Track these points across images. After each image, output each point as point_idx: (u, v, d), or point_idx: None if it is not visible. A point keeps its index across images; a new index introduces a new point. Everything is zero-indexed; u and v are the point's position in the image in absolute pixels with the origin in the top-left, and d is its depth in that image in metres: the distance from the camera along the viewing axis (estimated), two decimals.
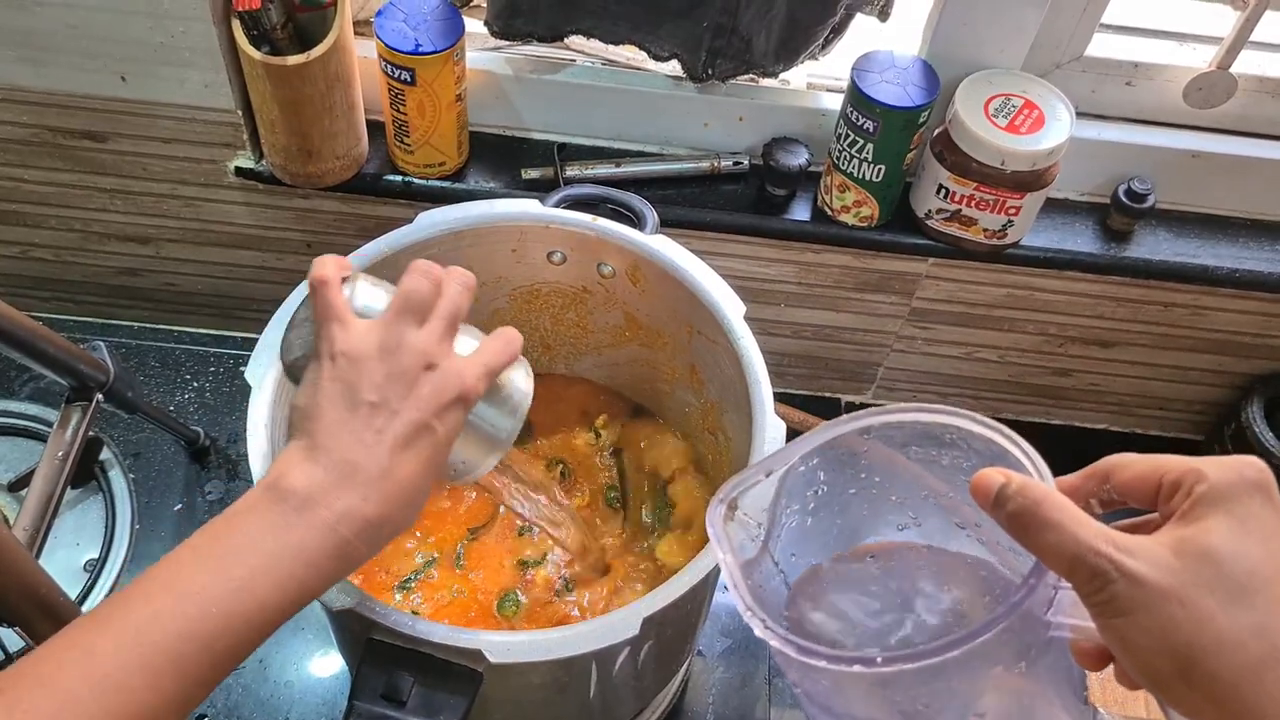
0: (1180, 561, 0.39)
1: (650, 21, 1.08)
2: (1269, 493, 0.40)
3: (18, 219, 1.29)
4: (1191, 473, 0.41)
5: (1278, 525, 0.40)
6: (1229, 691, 0.37)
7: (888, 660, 0.43)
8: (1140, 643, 0.39)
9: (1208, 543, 0.39)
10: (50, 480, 0.98)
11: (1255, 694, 0.37)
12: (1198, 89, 1.13)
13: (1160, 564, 0.39)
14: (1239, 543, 0.39)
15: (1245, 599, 0.38)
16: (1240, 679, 0.37)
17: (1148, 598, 0.38)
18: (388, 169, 1.16)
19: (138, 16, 1.05)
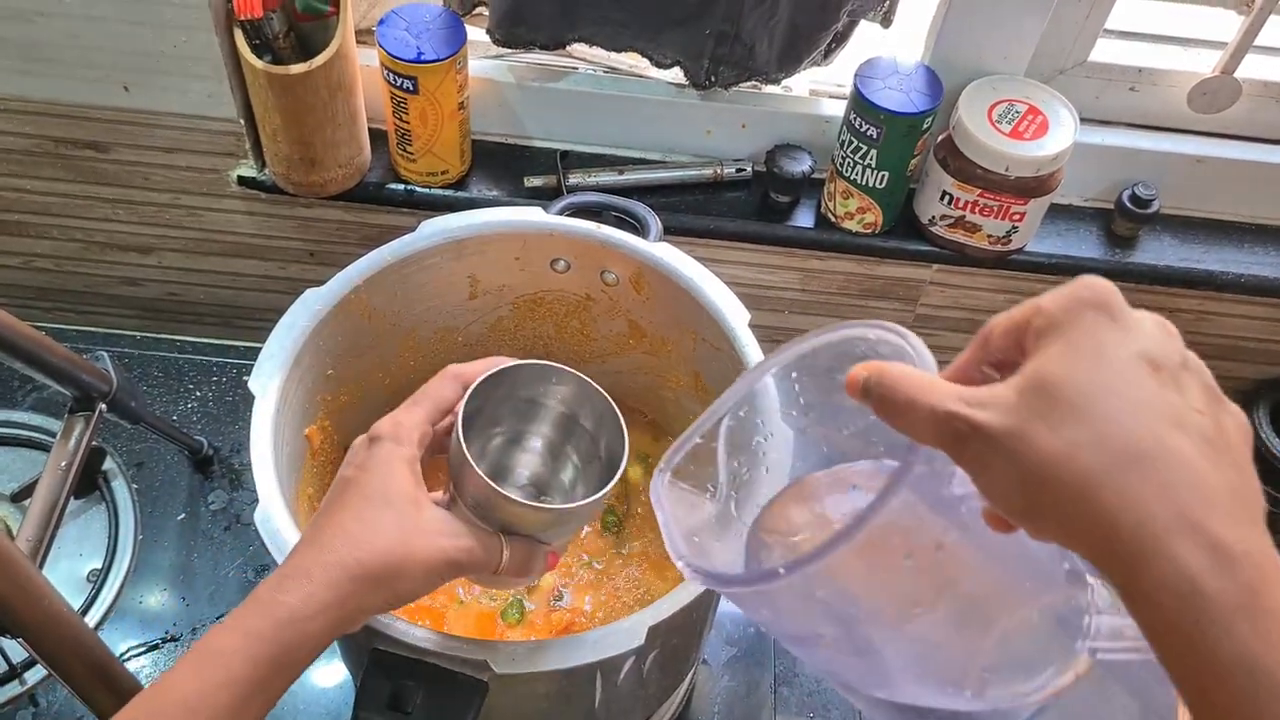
0: (1020, 398, 0.39)
1: (652, 29, 1.08)
2: (1104, 308, 0.40)
3: (20, 229, 1.29)
4: (1032, 309, 0.41)
5: (1110, 334, 0.39)
6: (1070, 507, 0.37)
7: (789, 568, 0.43)
8: (999, 485, 0.39)
9: (1041, 372, 0.39)
10: (53, 490, 0.98)
11: (1092, 504, 0.37)
12: (1202, 94, 1.13)
13: (1004, 407, 0.39)
14: (1069, 363, 0.39)
15: (1075, 416, 0.37)
16: (1077, 493, 0.37)
17: (998, 442, 0.38)
18: (390, 177, 1.16)
19: (140, 26, 1.05)
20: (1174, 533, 0.36)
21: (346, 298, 0.87)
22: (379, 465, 0.62)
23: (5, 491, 1.17)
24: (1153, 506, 0.36)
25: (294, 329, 0.83)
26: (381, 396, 0.98)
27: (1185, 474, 0.37)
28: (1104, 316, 0.40)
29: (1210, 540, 0.36)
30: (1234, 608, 0.35)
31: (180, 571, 1.16)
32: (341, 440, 0.95)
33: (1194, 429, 0.38)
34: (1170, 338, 0.41)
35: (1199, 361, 0.41)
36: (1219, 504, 0.36)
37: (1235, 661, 0.35)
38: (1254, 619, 0.35)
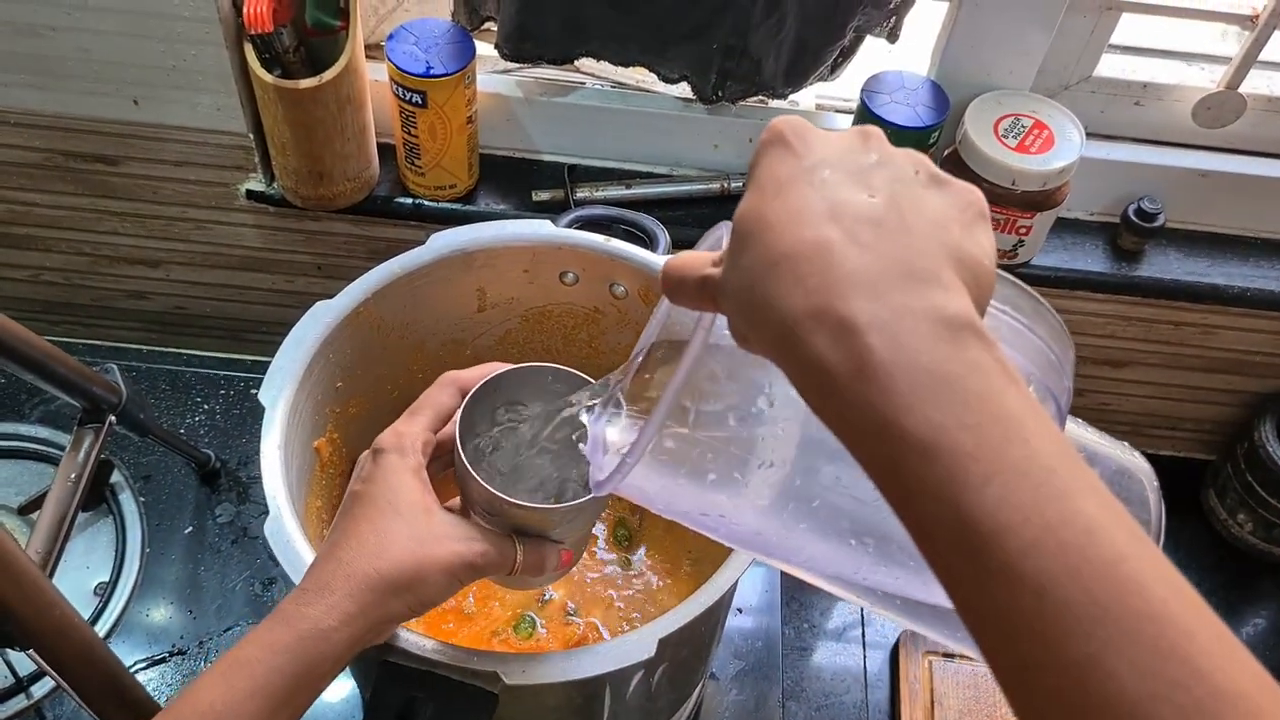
0: (727, 246, 0.41)
1: (660, 43, 1.08)
2: (779, 141, 0.40)
3: (28, 243, 1.29)
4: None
5: (786, 165, 0.40)
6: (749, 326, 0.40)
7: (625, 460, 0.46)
8: (730, 327, 0.42)
9: (735, 217, 0.40)
10: (62, 503, 0.98)
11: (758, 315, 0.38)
12: (1207, 108, 1.13)
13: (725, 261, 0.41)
14: (748, 202, 0.40)
15: (746, 245, 0.39)
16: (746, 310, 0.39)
17: (721, 288, 0.41)
18: (399, 191, 1.16)
19: (150, 40, 1.05)
20: (802, 322, 0.37)
21: (356, 311, 0.87)
22: (385, 477, 0.63)
23: (12, 504, 1.18)
24: (789, 300, 0.37)
25: (304, 342, 0.83)
26: (390, 409, 0.98)
27: (819, 263, 0.37)
28: (779, 149, 0.40)
29: (835, 319, 0.36)
30: (850, 373, 0.36)
31: (187, 585, 1.16)
32: (350, 453, 0.95)
33: (850, 216, 0.38)
34: (860, 142, 0.41)
35: (910, 154, 0.41)
36: (853, 282, 0.36)
37: (859, 418, 0.36)
38: (867, 379, 0.35)
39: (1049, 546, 0.34)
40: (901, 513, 0.37)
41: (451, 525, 0.63)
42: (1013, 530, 0.34)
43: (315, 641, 0.58)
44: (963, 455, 0.35)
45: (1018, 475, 0.34)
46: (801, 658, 1.17)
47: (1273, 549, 1.29)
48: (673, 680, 0.86)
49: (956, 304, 0.37)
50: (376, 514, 0.62)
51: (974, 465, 0.34)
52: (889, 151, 0.41)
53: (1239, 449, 1.30)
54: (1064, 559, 0.33)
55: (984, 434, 0.35)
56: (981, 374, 0.36)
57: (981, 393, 0.35)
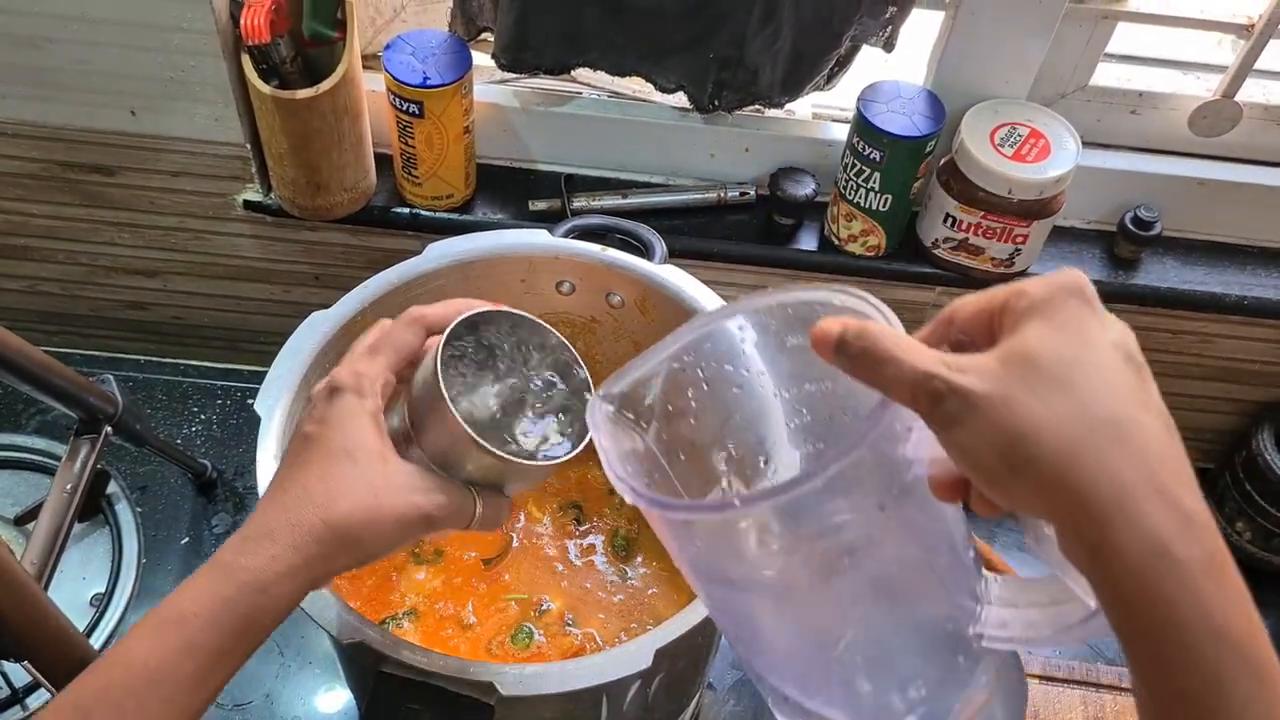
0: (1003, 367, 0.41)
1: (656, 53, 1.09)
2: (1083, 295, 0.42)
3: (25, 253, 1.29)
4: (1014, 293, 0.43)
5: (1093, 322, 0.42)
6: (1049, 472, 0.39)
7: (745, 501, 0.44)
8: (974, 446, 0.41)
9: (1026, 346, 0.41)
10: (58, 513, 0.98)
11: (1072, 470, 0.39)
12: (1203, 117, 1.13)
13: (986, 373, 0.41)
14: (1055, 340, 0.41)
15: (1060, 388, 0.40)
16: (1057, 458, 0.39)
17: (977, 404, 0.40)
18: (396, 201, 1.16)
19: (148, 52, 1.05)
20: (1147, 497, 0.38)
21: (353, 320, 0.87)
22: (341, 420, 0.59)
23: (8, 515, 1.17)
24: (1129, 473, 0.39)
25: (300, 351, 0.84)
26: None
27: (1156, 446, 0.39)
28: (1085, 305, 0.42)
29: (1178, 506, 0.38)
30: (1199, 569, 0.38)
31: None
32: None
33: (1157, 413, 0.41)
34: (1134, 340, 0.43)
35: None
36: (1183, 476, 0.39)
37: (1198, 619, 0.38)
38: (1215, 580, 0.38)
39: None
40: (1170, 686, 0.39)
41: (409, 474, 0.59)
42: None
43: (255, 594, 0.54)
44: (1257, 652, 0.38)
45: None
46: None
47: (1272, 558, 1.29)
48: (670, 690, 0.86)
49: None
50: (329, 460, 0.58)
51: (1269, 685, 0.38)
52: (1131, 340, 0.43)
53: (1237, 458, 1.30)
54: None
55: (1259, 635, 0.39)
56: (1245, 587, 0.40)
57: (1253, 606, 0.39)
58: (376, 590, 0.94)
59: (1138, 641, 0.39)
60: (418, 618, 0.93)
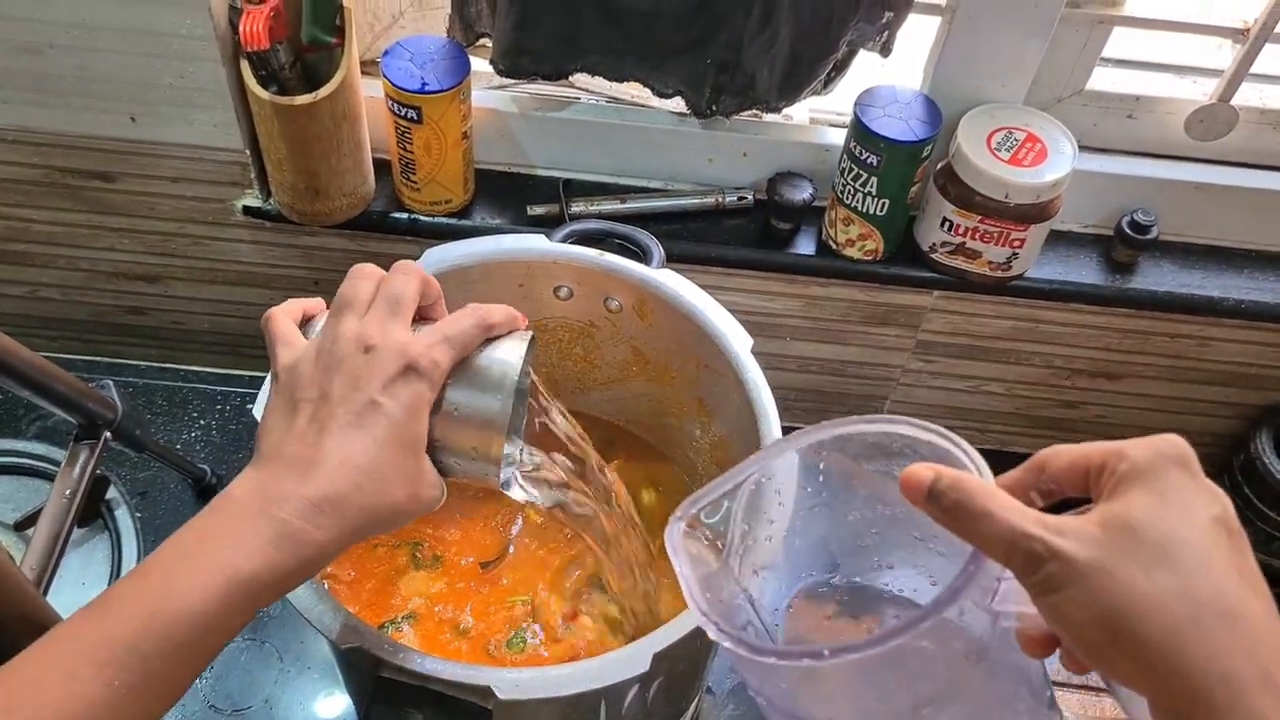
0: (1106, 535, 0.40)
1: (654, 58, 1.09)
2: (1186, 465, 0.42)
3: (26, 259, 1.30)
4: (1114, 454, 0.43)
5: (1196, 493, 0.41)
6: (1155, 653, 0.39)
7: (834, 652, 0.43)
8: (1074, 615, 0.40)
9: (1130, 515, 0.41)
10: (57, 519, 0.98)
11: (1179, 654, 0.38)
12: (1199, 121, 1.13)
13: (1088, 539, 0.40)
14: (1159, 512, 0.41)
15: (1166, 564, 0.39)
16: (1164, 639, 0.39)
17: (1078, 572, 0.40)
18: (394, 206, 1.17)
19: (147, 58, 1.06)
20: (1255, 689, 0.38)
21: None
22: (415, 407, 0.58)
23: (8, 521, 1.17)
24: (1238, 662, 0.38)
25: None
26: None
27: (1265, 634, 0.39)
28: (1188, 476, 0.42)
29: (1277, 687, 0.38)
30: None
31: None
32: None
33: (1260, 592, 0.40)
34: (1233, 512, 0.43)
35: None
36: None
37: None
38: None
39: None
40: None
41: (432, 471, 0.60)
42: None
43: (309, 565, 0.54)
44: None
45: None
46: None
47: (1272, 561, 1.29)
48: (669, 695, 0.86)
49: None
50: (401, 449, 0.57)
51: None
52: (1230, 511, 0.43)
53: (1236, 462, 1.30)
54: None
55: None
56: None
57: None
58: (375, 595, 0.94)
59: None
60: (416, 622, 0.93)
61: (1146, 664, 0.39)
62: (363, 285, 0.62)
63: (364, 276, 0.63)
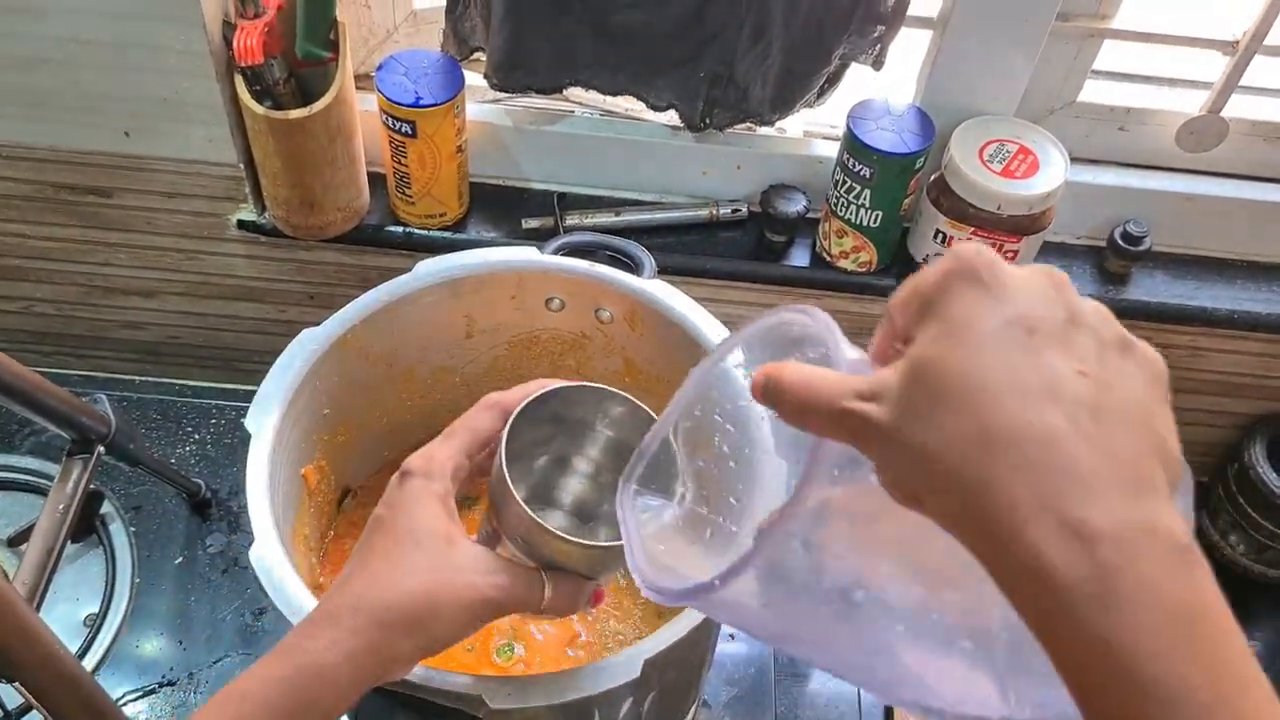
0: (901, 386, 0.37)
1: (648, 72, 1.09)
2: (972, 277, 0.37)
3: (20, 274, 1.30)
4: (912, 290, 0.39)
5: (984, 310, 0.36)
6: (945, 497, 0.36)
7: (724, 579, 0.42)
8: (889, 476, 0.38)
9: (917, 357, 0.37)
10: (51, 533, 0.98)
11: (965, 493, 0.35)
12: (1190, 133, 1.14)
13: (890, 397, 0.37)
14: (943, 348, 0.36)
15: (946, 405, 0.35)
16: (951, 483, 0.35)
17: (886, 436, 0.37)
18: (389, 220, 1.17)
19: (142, 73, 1.06)
20: (1031, 518, 0.34)
21: (342, 337, 0.87)
22: (408, 503, 0.59)
23: (2, 536, 1.17)
24: (1015, 491, 0.34)
25: (290, 368, 0.84)
26: (380, 438, 0.99)
27: (1049, 454, 0.34)
28: (974, 287, 0.37)
29: (1064, 522, 0.33)
30: (1087, 591, 0.33)
31: (178, 615, 1.16)
32: (339, 480, 0.95)
33: (1069, 398, 0.35)
34: (1054, 291, 0.37)
35: (1097, 310, 0.38)
36: (1084, 482, 0.34)
37: (1090, 644, 0.33)
38: (1106, 603, 0.33)
39: None
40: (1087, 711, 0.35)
41: (473, 557, 0.58)
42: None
43: (312, 677, 0.55)
44: (1200, 707, 0.33)
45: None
46: (795, 684, 1.16)
47: (1266, 570, 1.29)
48: (663, 706, 0.86)
49: (1178, 521, 0.35)
50: (393, 543, 0.58)
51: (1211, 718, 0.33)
52: (1081, 306, 0.38)
53: (1229, 471, 1.30)
54: None
55: (1222, 685, 0.33)
56: (1214, 615, 0.34)
57: (1216, 638, 0.34)
58: None
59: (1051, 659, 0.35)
60: None
61: (942, 508, 0.36)
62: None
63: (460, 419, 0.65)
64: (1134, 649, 0.33)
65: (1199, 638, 0.33)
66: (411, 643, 0.56)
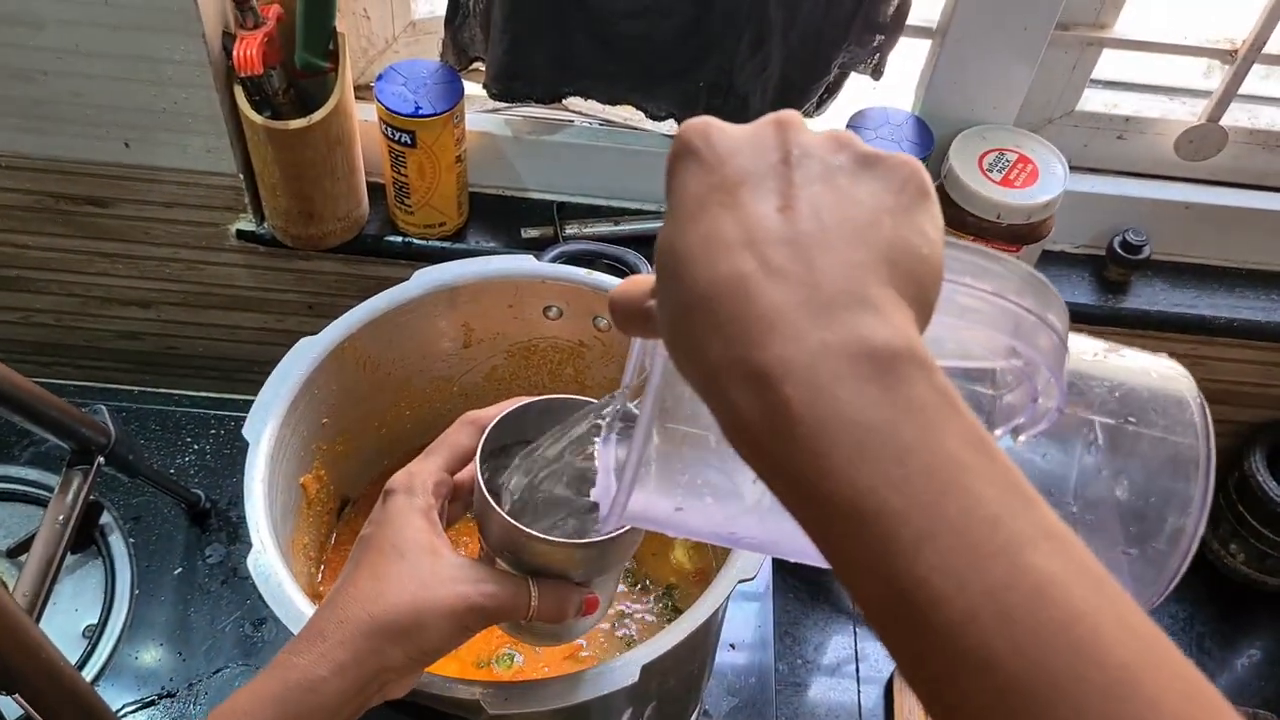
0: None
1: (647, 81, 1.10)
2: (687, 152, 0.36)
3: (19, 285, 1.30)
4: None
5: (693, 180, 0.36)
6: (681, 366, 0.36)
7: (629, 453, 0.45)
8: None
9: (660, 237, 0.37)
10: (50, 544, 0.98)
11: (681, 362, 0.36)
12: (1189, 141, 1.14)
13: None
14: (667, 226, 0.36)
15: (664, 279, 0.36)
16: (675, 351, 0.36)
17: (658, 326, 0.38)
18: (388, 230, 1.17)
19: (141, 84, 1.06)
20: (720, 372, 0.34)
21: (340, 346, 0.87)
22: (391, 519, 0.60)
23: (1, 547, 1.17)
24: (707, 351, 0.34)
25: (288, 377, 0.84)
26: (378, 447, 0.99)
27: (735, 304, 0.34)
28: (688, 161, 0.36)
29: (750, 370, 0.33)
30: (768, 431, 0.33)
31: (177, 626, 1.15)
32: (337, 490, 0.95)
33: (764, 239, 0.34)
34: (772, 137, 0.36)
35: (831, 138, 0.36)
36: (764, 320, 0.33)
37: (785, 480, 0.33)
38: (784, 434, 0.32)
39: (989, 615, 0.30)
40: (838, 575, 0.34)
41: (458, 567, 0.59)
42: (948, 600, 0.31)
43: (304, 692, 0.55)
44: (892, 518, 0.31)
45: (954, 535, 0.31)
46: (795, 693, 1.16)
47: (1266, 579, 1.29)
48: (664, 715, 0.85)
49: (887, 328, 0.33)
50: (378, 557, 0.59)
51: (904, 529, 0.31)
52: (806, 141, 0.36)
53: (1230, 480, 1.30)
54: (1008, 629, 0.30)
55: (915, 490, 0.31)
56: (914, 415, 0.32)
57: (913, 441, 0.32)
58: None
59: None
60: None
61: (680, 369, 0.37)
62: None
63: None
64: (810, 471, 0.32)
65: (888, 445, 0.32)
66: (400, 652, 0.57)
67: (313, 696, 0.55)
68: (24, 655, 0.80)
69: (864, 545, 0.32)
